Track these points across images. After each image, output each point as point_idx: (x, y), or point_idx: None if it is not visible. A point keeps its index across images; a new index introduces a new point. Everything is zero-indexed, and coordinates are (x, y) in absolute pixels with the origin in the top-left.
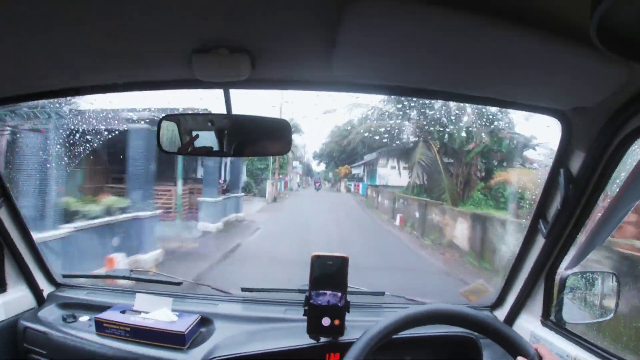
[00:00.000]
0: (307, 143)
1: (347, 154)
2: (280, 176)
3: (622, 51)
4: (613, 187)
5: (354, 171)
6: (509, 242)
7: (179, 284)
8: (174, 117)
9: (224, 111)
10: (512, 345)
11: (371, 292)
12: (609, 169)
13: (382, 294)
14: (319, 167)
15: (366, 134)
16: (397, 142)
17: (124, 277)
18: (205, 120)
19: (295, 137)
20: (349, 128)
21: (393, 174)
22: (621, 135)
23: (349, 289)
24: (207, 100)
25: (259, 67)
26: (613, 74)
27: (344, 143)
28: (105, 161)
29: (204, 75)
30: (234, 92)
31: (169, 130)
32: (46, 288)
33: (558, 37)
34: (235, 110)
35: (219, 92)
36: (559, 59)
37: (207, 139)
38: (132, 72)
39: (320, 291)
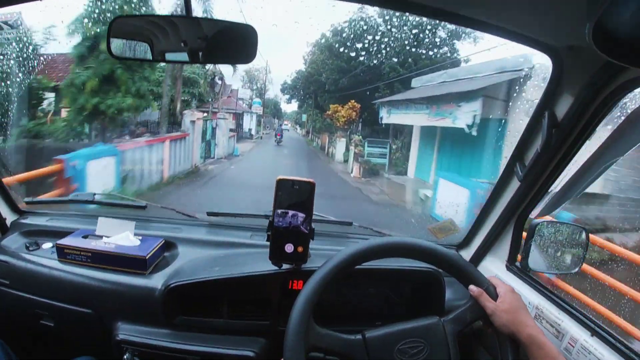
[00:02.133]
0: (275, 71)
1: (349, 83)
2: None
3: (619, 56)
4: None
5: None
6: None
7: (143, 207)
8: (127, 18)
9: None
10: (465, 275)
11: (338, 222)
12: (596, 118)
13: (350, 223)
14: (288, 107)
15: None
16: None
17: (86, 202)
18: (163, 23)
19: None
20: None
21: None
22: (614, 84)
23: (316, 217)
24: None
25: None
26: None
27: (343, 67)
28: None
29: None
30: None
31: (121, 33)
32: (9, 216)
33: None
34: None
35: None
36: None
37: (167, 44)
38: None
39: (284, 210)
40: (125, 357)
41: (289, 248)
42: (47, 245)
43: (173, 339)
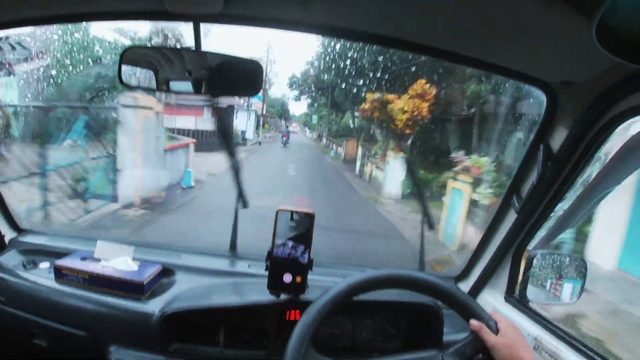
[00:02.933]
0: (281, 62)
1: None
2: None
3: (623, 54)
4: (592, 170)
5: None
6: None
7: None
8: (138, 49)
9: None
10: (465, 308)
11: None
12: (590, 150)
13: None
14: (297, 109)
15: None
16: None
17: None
18: (172, 54)
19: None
20: None
21: None
22: (607, 116)
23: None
24: None
25: (232, 1)
26: None
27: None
28: None
29: (174, 5)
30: (204, 29)
31: (132, 63)
32: (8, 234)
33: (555, 2)
34: (205, 48)
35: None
36: (553, 26)
37: (172, 74)
38: (97, 1)
39: (283, 241)
40: None
41: (288, 278)
42: (45, 264)
43: None
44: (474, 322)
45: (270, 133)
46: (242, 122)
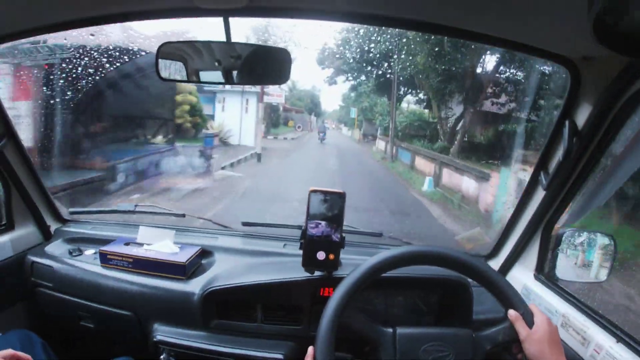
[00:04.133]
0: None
1: None
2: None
3: (620, 47)
4: (618, 145)
5: None
6: None
7: (182, 216)
8: (173, 44)
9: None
10: (505, 296)
11: (369, 233)
12: (615, 125)
13: (380, 234)
14: (330, 100)
15: None
16: None
17: (128, 212)
18: (205, 47)
19: None
20: None
21: None
22: (631, 91)
23: (347, 228)
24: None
25: None
26: None
27: None
28: None
29: (203, 1)
30: (233, 22)
31: (167, 57)
32: (53, 224)
33: None
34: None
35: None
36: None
37: (205, 66)
38: (128, 1)
39: (316, 221)
40: (162, 357)
41: (321, 255)
42: (90, 251)
43: (208, 340)
44: (512, 312)
45: (295, 133)
46: (234, 116)
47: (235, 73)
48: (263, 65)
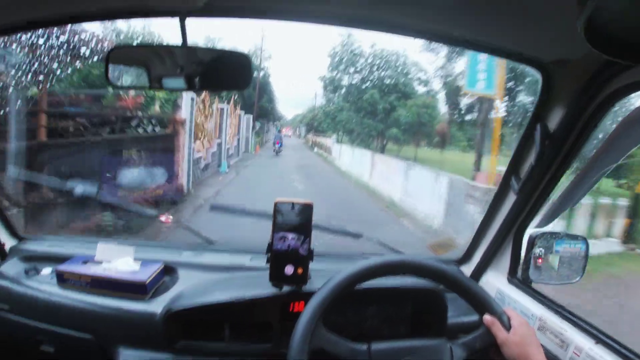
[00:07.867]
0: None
1: None
2: None
3: (612, 51)
4: (589, 147)
5: None
6: None
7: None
8: (124, 48)
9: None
10: (479, 302)
11: (349, 233)
12: (587, 128)
13: (360, 236)
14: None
15: None
16: None
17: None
18: (159, 52)
19: None
20: None
21: None
22: (603, 94)
23: (325, 228)
24: None
25: None
26: None
27: None
28: None
29: (158, 1)
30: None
31: (119, 62)
32: (8, 242)
33: None
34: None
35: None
36: (542, 3)
37: (160, 72)
38: (81, 2)
39: (282, 234)
40: None
41: (289, 270)
42: (47, 270)
43: None
44: (487, 317)
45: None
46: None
47: (194, 79)
48: (224, 71)
